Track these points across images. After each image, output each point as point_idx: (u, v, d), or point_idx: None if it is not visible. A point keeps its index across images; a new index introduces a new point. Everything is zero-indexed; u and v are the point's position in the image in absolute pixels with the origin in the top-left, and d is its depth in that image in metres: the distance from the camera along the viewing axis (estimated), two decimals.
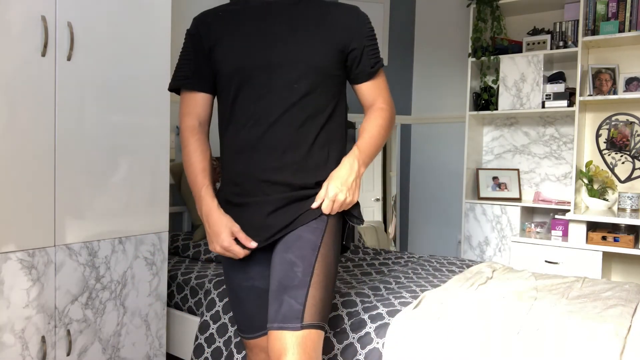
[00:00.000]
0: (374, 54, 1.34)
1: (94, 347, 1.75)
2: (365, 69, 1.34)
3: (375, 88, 1.37)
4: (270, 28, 1.28)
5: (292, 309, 1.15)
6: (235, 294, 1.40)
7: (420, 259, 2.45)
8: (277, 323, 1.16)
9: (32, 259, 1.55)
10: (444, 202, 3.94)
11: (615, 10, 2.97)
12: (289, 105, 1.26)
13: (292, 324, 1.14)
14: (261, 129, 1.26)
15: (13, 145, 1.50)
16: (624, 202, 2.98)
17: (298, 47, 1.27)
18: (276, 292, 1.20)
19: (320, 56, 1.27)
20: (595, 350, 1.30)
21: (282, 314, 1.15)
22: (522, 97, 3.25)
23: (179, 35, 2.62)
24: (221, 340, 1.88)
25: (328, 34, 1.28)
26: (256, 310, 1.37)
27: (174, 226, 2.72)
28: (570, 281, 1.96)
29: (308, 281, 1.19)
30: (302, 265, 1.21)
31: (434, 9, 3.97)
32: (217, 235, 1.27)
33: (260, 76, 1.26)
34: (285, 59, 1.26)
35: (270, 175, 1.27)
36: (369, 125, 1.34)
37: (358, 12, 1.33)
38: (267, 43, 1.27)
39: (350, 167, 1.27)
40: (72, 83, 1.64)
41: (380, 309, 1.64)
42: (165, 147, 1.96)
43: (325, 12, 1.31)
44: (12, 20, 1.47)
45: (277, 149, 1.26)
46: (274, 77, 1.26)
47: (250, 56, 1.27)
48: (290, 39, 1.27)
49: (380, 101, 1.37)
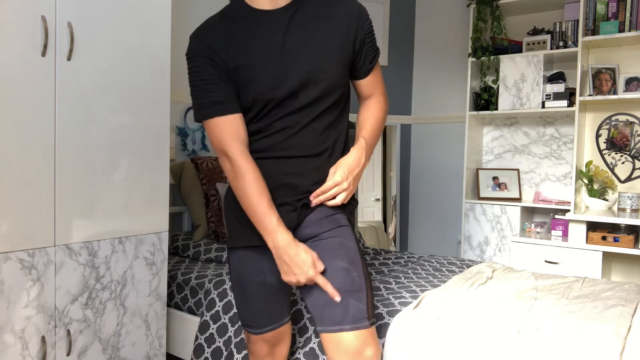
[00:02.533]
0: (372, 48, 1.35)
1: (94, 347, 1.75)
2: (365, 66, 1.36)
3: (373, 81, 1.40)
4: (285, 44, 1.26)
5: (359, 310, 1.25)
6: (244, 289, 1.41)
7: (420, 259, 2.45)
8: (349, 325, 1.25)
9: (32, 259, 1.55)
10: (444, 202, 3.94)
11: (615, 10, 2.97)
12: (311, 119, 1.30)
13: (362, 323, 1.25)
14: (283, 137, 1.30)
15: (13, 145, 1.50)
16: (624, 202, 2.98)
17: (317, 65, 1.27)
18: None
19: (338, 71, 1.30)
20: (595, 350, 1.30)
21: (352, 315, 1.25)
22: (522, 97, 3.25)
23: (179, 36, 2.63)
24: (221, 340, 1.88)
25: (337, 44, 1.29)
26: (265, 305, 1.41)
27: (174, 226, 2.72)
28: (570, 281, 1.96)
29: (365, 284, 1.29)
30: (356, 270, 1.28)
31: (434, 9, 3.97)
32: (302, 267, 1.24)
33: (287, 99, 1.27)
34: (308, 80, 1.27)
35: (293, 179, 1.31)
36: (370, 117, 1.37)
37: (358, 9, 1.32)
38: (288, 65, 1.26)
39: (358, 158, 1.31)
40: (72, 83, 1.64)
41: (380, 309, 1.64)
42: (165, 147, 1.96)
43: (328, 15, 1.30)
44: (12, 20, 1.47)
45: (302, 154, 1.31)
46: (300, 98, 1.28)
47: (277, 84, 1.26)
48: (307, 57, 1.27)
49: (377, 93, 1.41)
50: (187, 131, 2.83)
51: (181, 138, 2.80)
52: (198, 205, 2.53)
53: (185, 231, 2.70)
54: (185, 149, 2.83)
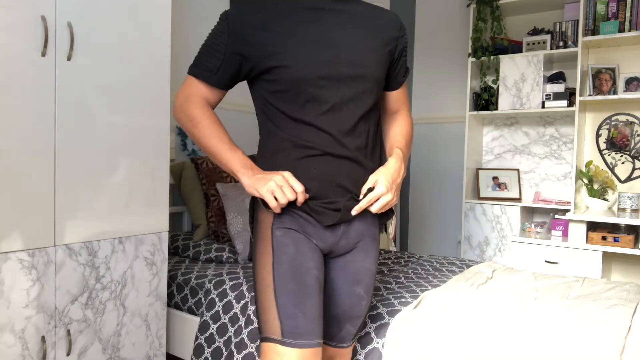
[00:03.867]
0: (405, 63, 1.39)
1: (94, 347, 1.75)
2: (399, 78, 1.38)
3: (402, 97, 1.42)
4: (329, 33, 1.22)
5: (349, 332, 1.32)
6: (304, 281, 1.16)
7: (420, 259, 2.45)
8: (336, 342, 1.32)
9: (32, 259, 1.55)
10: (444, 202, 3.94)
11: (615, 10, 2.97)
12: (358, 118, 1.24)
13: (347, 343, 1.33)
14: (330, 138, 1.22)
15: (13, 145, 1.49)
16: (624, 202, 2.98)
17: (361, 57, 1.24)
18: (338, 318, 1.30)
19: (380, 67, 1.28)
20: (595, 350, 1.30)
21: (341, 336, 1.32)
22: (522, 97, 3.25)
23: (179, 36, 2.62)
24: (221, 340, 1.88)
25: (382, 42, 1.29)
26: (320, 309, 1.19)
27: (174, 226, 2.72)
28: (570, 281, 1.96)
29: (367, 311, 1.35)
30: (367, 298, 1.32)
31: (434, 9, 3.97)
32: (268, 177, 1.16)
33: (330, 87, 1.21)
34: (353, 72, 1.23)
35: (343, 181, 1.23)
36: (403, 130, 1.37)
37: (400, 22, 1.36)
38: (332, 53, 1.21)
39: (399, 167, 1.27)
40: (72, 83, 1.64)
41: (380, 309, 1.64)
42: (165, 147, 1.96)
43: (373, 16, 1.31)
44: (12, 20, 1.47)
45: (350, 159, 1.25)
46: (343, 89, 1.22)
47: (319, 67, 1.20)
48: (352, 47, 1.24)
49: (404, 109, 1.43)
50: None
51: (181, 138, 2.80)
52: (198, 205, 2.53)
53: (185, 231, 2.70)
54: (185, 149, 2.83)
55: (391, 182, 1.22)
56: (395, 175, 1.24)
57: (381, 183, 1.21)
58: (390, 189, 1.21)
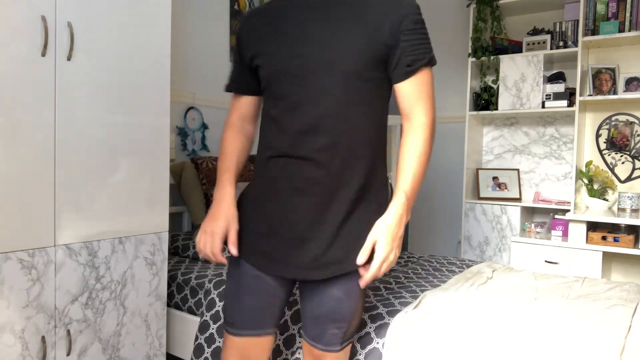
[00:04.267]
0: (413, 50, 1.16)
1: (94, 347, 1.75)
2: (400, 68, 1.17)
3: (414, 92, 1.19)
4: (304, 28, 1.18)
5: (335, 336, 1.28)
6: (240, 280, 1.30)
7: (420, 259, 2.45)
8: (322, 345, 1.29)
9: (32, 259, 1.55)
10: (444, 202, 3.94)
11: (615, 10, 2.97)
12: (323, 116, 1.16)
13: (334, 347, 1.29)
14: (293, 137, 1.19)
15: (13, 145, 1.49)
16: (624, 202, 2.98)
17: (330, 51, 1.15)
18: (321, 320, 1.27)
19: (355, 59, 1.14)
20: (595, 350, 1.30)
21: (326, 340, 1.28)
22: (522, 97, 3.25)
23: (179, 36, 2.63)
24: (221, 340, 1.88)
25: (366, 31, 1.14)
26: (257, 304, 1.28)
27: (174, 226, 2.73)
28: (570, 281, 1.96)
29: (352, 314, 1.28)
30: (348, 301, 1.25)
31: (434, 9, 3.97)
32: (207, 228, 1.29)
33: (292, 84, 1.17)
34: (314, 66, 1.15)
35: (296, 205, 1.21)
36: (411, 158, 1.18)
37: (407, 1, 1.17)
38: (300, 45, 1.17)
39: (400, 218, 1.15)
40: (72, 83, 1.64)
41: (380, 309, 1.64)
42: (165, 147, 1.96)
43: (365, 3, 1.17)
44: (12, 20, 1.47)
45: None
46: (306, 85, 1.16)
47: (284, 62, 1.18)
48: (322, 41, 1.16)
49: (418, 111, 1.19)
50: (187, 131, 2.83)
51: (181, 138, 2.80)
52: (198, 205, 2.53)
53: (185, 231, 2.70)
54: (185, 149, 2.83)
55: (391, 241, 1.13)
56: (395, 230, 1.14)
57: (381, 247, 1.12)
58: (391, 249, 1.13)
